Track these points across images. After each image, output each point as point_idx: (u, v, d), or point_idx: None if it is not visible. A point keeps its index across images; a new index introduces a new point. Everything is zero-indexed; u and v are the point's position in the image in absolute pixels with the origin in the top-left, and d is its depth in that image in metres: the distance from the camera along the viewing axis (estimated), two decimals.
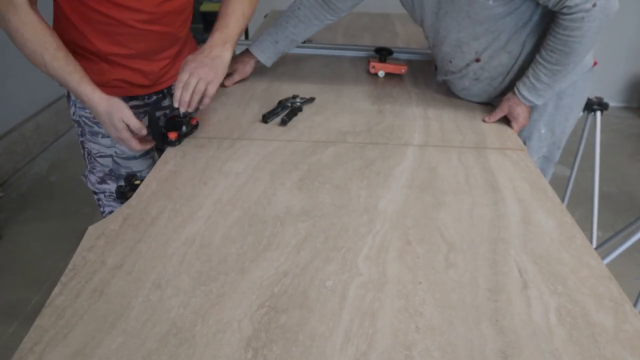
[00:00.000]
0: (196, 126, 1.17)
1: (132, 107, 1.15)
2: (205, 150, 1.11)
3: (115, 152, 1.28)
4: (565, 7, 1.08)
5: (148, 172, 1.12)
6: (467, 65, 1.31)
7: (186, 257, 0.79)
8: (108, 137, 1.23)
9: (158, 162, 1.06)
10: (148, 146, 1.13)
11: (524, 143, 1.35)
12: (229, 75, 1.43)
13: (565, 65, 1.16)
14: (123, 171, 1.30)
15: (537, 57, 1.19)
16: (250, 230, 0.86)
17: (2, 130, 2.83)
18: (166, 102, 1.34)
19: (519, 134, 1.33)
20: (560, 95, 1.32)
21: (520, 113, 1.26)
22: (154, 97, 1.31)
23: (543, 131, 1.36)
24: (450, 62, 1.35)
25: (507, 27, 1.21)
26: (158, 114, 1.32)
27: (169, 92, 1.33)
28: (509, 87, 1.31)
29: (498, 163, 1.09)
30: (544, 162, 1.43)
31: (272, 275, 0.76)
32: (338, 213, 0.91)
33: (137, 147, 1.10)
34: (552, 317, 0.70)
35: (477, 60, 1.29)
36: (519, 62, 1.27)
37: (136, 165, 1.31)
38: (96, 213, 2.43)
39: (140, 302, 0.71)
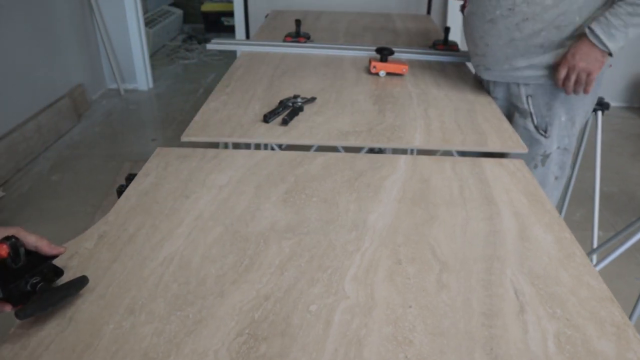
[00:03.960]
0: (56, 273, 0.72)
1: None
2: (188, 160, 1.06)
3: None
4: None
5: None
6: None
7: (163, 278, 0.75)
8: None
9: (139, 174, 1.01)
10: None
11: (545, 131, 1.36)
12: None
13: None
14: None
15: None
16: (231, 249, 0.81)
17: (3, 130, 2.81)
18: None
19: (540, 122, 1.32)
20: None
21: (588, 52, 1.23)
22: None
23: (563, 119, 1.35)
24: None
25: None
26: None
27: None
28: (528, 49, 1.29)
29: (494, 173, 1.05)
30: (565, 154, 1.41)
31: (252, 299, 0.71)
32: (325, 229, 0.86)
33: None
34: (550, 345, 0.65)
35: None
36: (555, 13, 1.24)
37: None
38: (97, 213, 2.40)
39: (112, 330, 0.66)
